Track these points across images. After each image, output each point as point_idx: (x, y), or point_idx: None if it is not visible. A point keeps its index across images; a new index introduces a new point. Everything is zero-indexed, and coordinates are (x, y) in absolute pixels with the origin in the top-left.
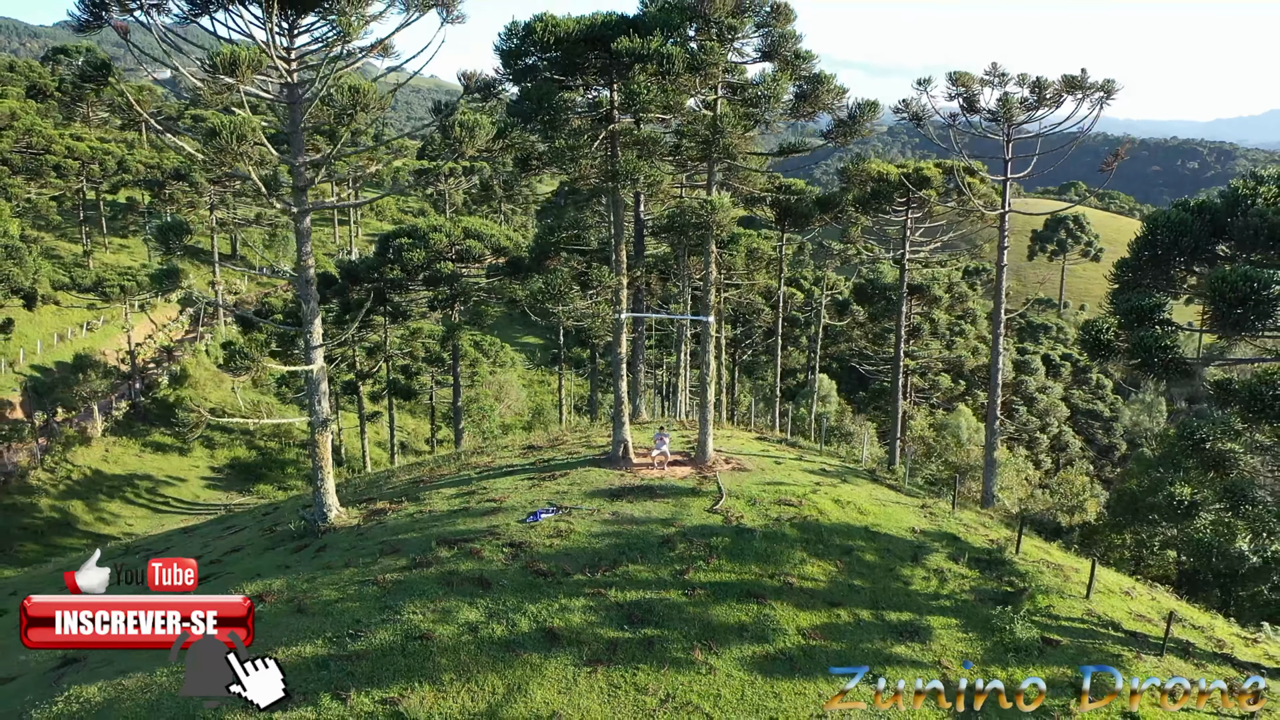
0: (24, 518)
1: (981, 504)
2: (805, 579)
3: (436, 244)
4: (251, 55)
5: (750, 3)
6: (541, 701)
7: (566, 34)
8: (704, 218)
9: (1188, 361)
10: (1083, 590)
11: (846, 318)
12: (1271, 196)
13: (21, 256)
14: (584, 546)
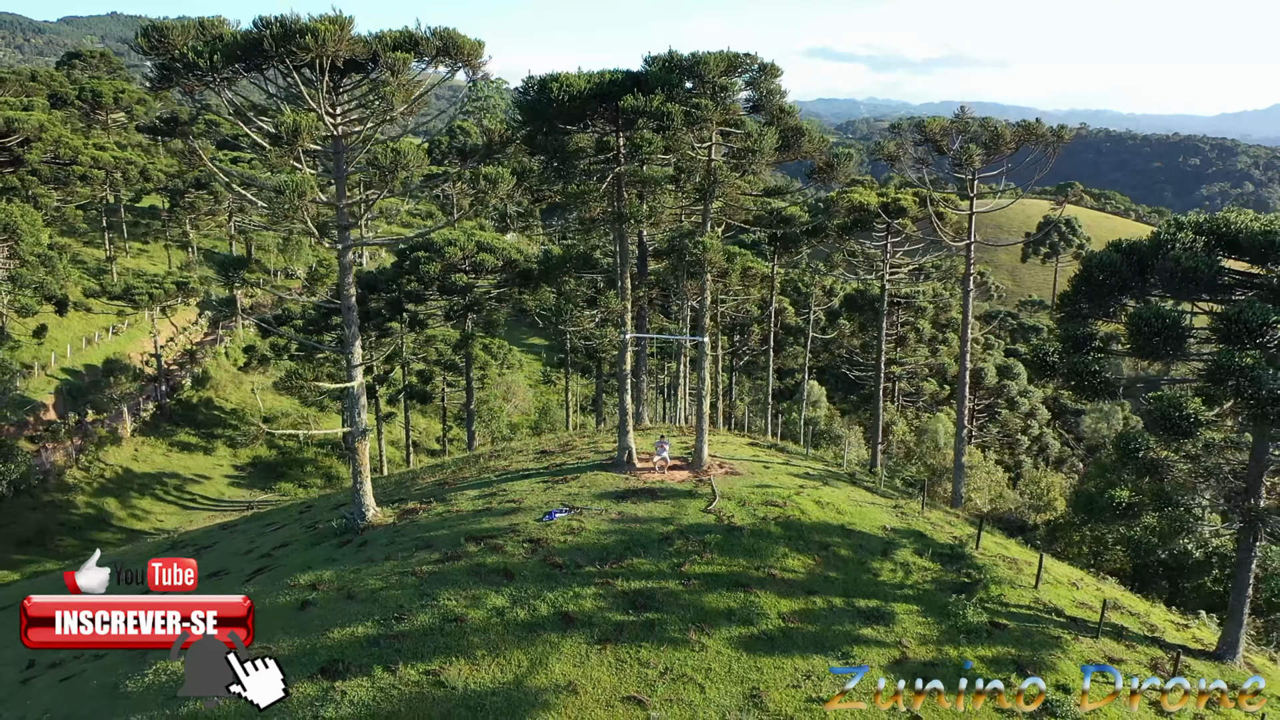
0: (62, 514)
1: (951, 504)
2: (787, 571)
3: (451, 257)
4: (310, 122)
5: (740, 62)
6: (560, 673)
7: (579, 92)
8: (698, 256)
9: (1113, 383)
10: (1032, 581)
11: (834, 330)
12: (1188, 242)
13: (54, 264)
14: (594, 543)
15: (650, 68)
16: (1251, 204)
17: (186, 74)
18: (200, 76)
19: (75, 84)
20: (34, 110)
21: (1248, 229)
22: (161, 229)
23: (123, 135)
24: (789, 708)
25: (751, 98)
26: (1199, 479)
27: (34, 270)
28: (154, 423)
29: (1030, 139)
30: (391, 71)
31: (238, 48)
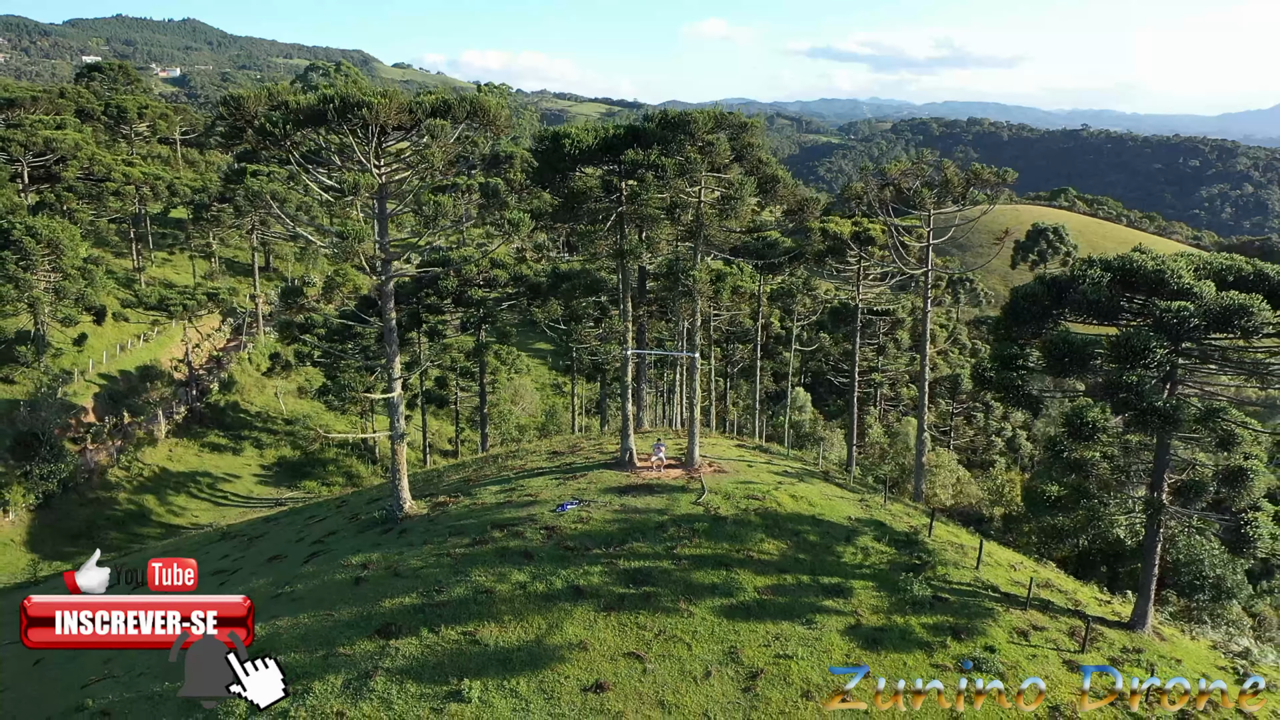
0: (107, 510)
1: (914, 498)
2: (763, 553)
3: (468, 273)
4: (368, 180)
5: (724, 121)
6: (572, 634)
7: (587, 147)
8: (689, 287)
9: (1034, 394)
10: (974, 563)
11: (815, 344)
12: (1096, 278)
13: (93, 276)
14: (600, 530)
15: (649, 124)
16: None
17: (259, 136)
18: (270, 138)
19: (101, 99)
20: (67, 128)
21: (1144, 267)
22: (185, 240)
23: (143, 147)
24: (760, 661)
25: (733, 150)
26: (1116, 476)
27: (75, 282)
28: (186, 425)
29: (976, 182)
30: (431, 135)
31: (303, 115)
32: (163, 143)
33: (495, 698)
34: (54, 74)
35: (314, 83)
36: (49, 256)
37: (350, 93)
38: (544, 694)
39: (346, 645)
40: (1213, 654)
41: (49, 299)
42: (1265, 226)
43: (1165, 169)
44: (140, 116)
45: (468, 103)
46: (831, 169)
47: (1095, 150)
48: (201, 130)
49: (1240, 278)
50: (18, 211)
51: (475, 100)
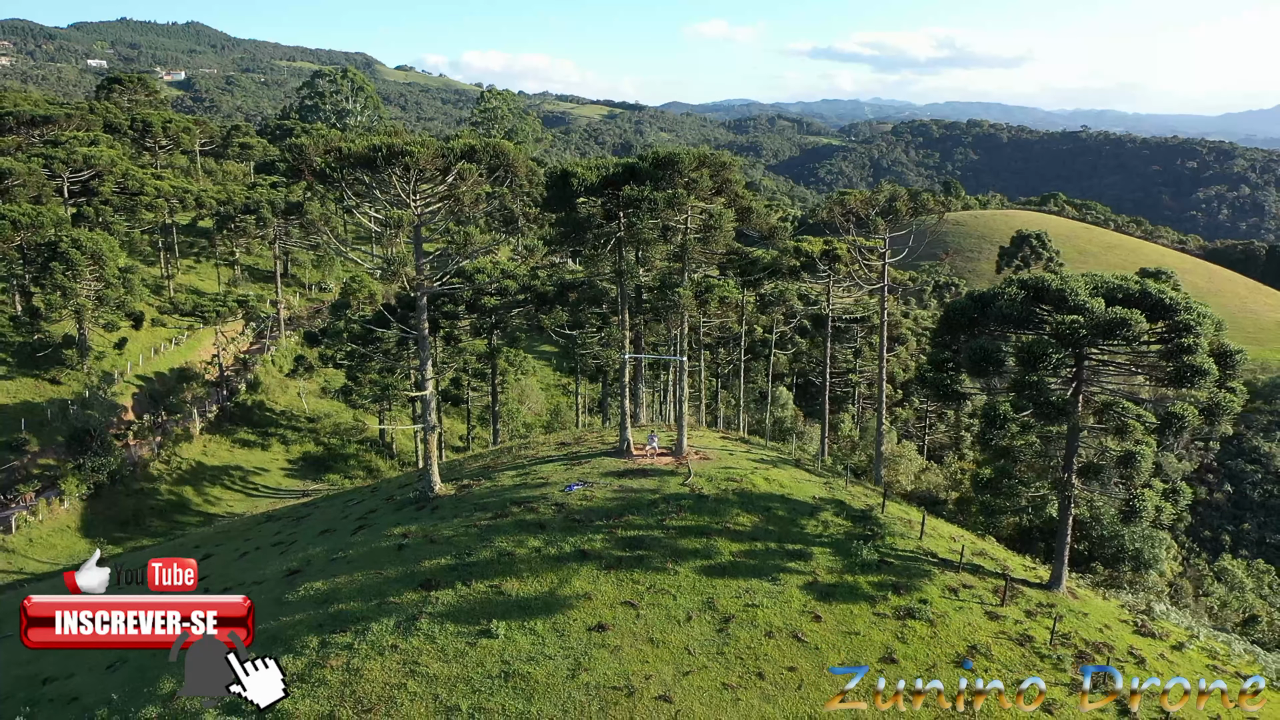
0: (149, 500)
1: (874, 482)
2: (738, 525)
3: (481, 283)
4: (410, 216)
5: (707, 160)
6: (579, 588)
7: (591, 183)
8: (676, 303)
9: (961, 392)
10: (919, 534)
11: (794, 346)
12: (1013, 294)
13: (131, 284)
14: (602, 506)
15: (643, 162)
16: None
17: (316, 176)
18: (327, 179)
19: (127, 114)
20: (100, 144)
21: (1050, 286)
22: (210, 248)
23: (165, 158)
24: (732, 609)
25: (714, 185)
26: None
27: (116, 290)
28: (218, 422)
29: (921, 211)
30: (460, 177)
31: (355, 160)
32: (182, 153)
33: (517, 634)
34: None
35: (320, 89)
36: (92, 267)
37: (394, 142)
38: (556, 632)
39: (395, 595)
40: (1119, 610)
41: (92, 306)
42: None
43: (1163, 170)
44: (165, 131)
45: (490, 149)
46: (832, 170)
47: (1094, 152)
48: (219, 142)
49: (1127, 295)
50: (63, 225)
51: (497, 146)
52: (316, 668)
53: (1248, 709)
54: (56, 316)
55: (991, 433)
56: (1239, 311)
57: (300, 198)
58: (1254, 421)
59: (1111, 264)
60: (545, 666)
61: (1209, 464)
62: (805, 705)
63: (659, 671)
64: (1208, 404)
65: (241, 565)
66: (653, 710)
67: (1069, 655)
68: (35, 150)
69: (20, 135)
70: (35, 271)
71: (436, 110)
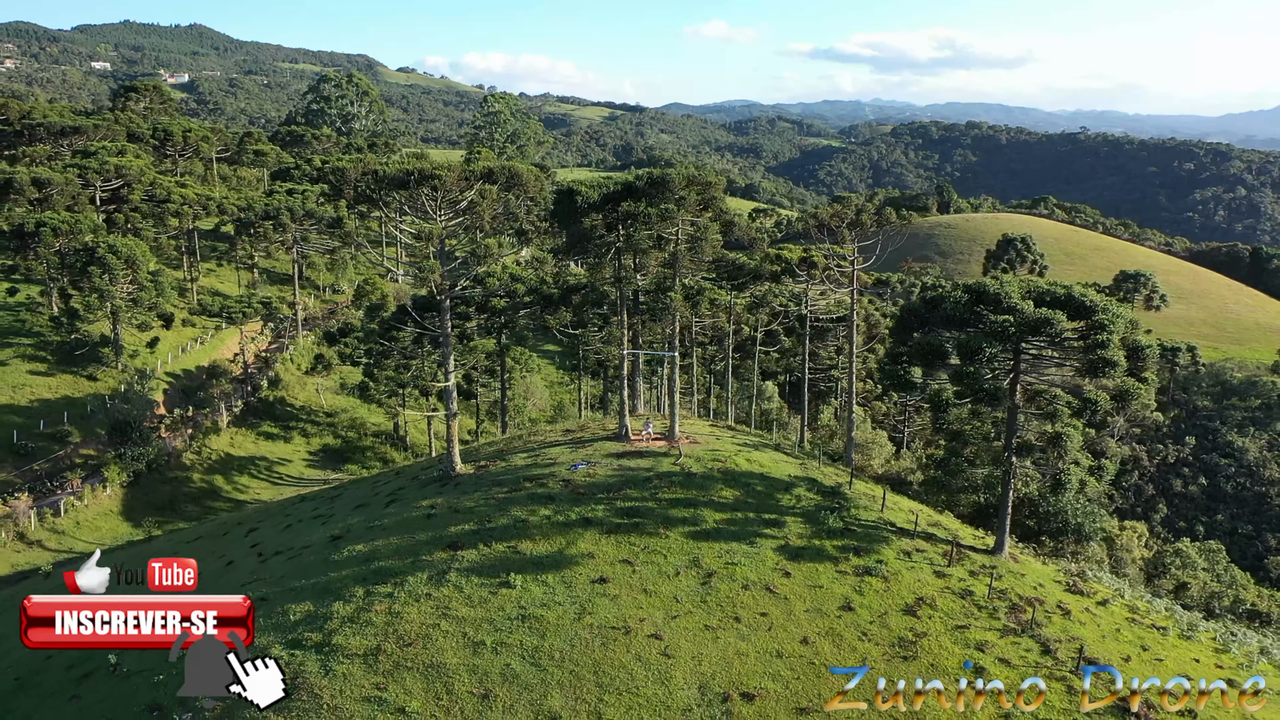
0: (183, 487)
1: (845, 464)
2: (721, 498)
3: (490, 285)
4: (439, 229)
5: (695, 179)
6: (583, 548)
7: (593, 200)
8: (668, 305)
9: (912, 382)
10: (880, 508)
11: (778, 344)
12: (958, 297)
13: (162, 287)
14: (603, 482)
15: (639, 181)
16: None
17: (356, 196)
18: (367, 199)
19: (149, 123)
20: (127, 154)
21: (988, 289)
22: (230, 252)
23: (184, 164)
24: (714, 566)
25: (700, 200)
26: (985, 443)
27: (149, 293)
28: (243, 416)
29: (885, 224)
30: (480, 195)
31: (391, 181)
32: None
33: (532, 585)
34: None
35: (326, 93)
36: (126, 271)
37: (425, 166)
38: (564, 583)
39: (427, 555)
40: (1055, 573)
41: (127, 307)
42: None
43: (1160, 172)
44: (185, 140)
45: (507, 170)
46: (831, 172)
47: (1092, 153)
48: (234, 149)
49: (1054, 298)
50: (99, 232)
51: (512, 169)
52: (363, 612)
53: (1248, 709)
54: (93, 317)
55: (939, 416)
56: (1221, 312)
57: (314, 204)
58: (1229, 418)
59: (1098, 266)
60: (555, 611)
61: (1185, 458)
62: (774, 643)
63: (651, 615)
64: (1118, 390)
65: (288, 535)
66: (646, 645)
67: (1004, 606)
68: (69, 161)
69: (50, 144)
70: (74, 275)
71: (438, 112)
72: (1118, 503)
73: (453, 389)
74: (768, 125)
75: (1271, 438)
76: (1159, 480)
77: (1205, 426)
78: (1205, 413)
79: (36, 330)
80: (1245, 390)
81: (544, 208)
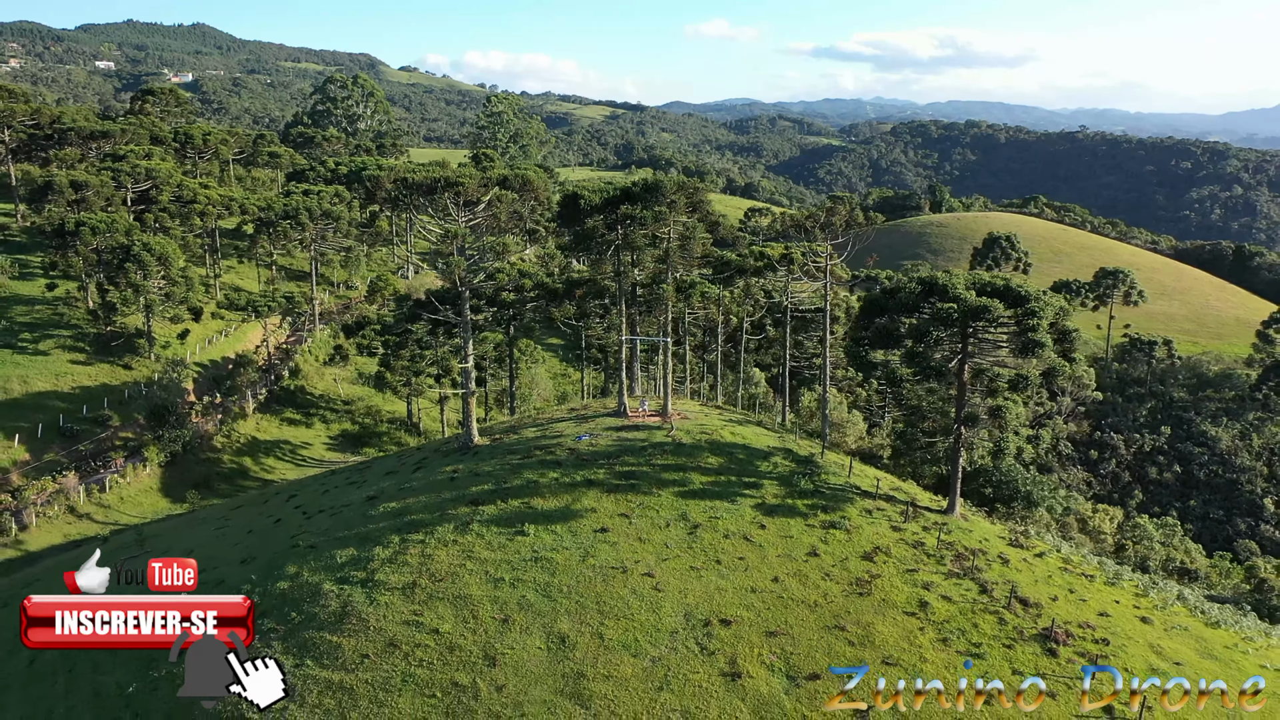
0: (215, 468)
1: (821, 439)
2: (707, 464)
3: (499, 281)
4: (461, 229)
5: (684, 185)
6: (587, 505)
7: (595, 204)
8: (661, 297)
9: (872, 362)
10: (847, 474)
11: (763, 334)
12: (912, 288)
13: (192, 282)
14: (604, 450)
15: (635, 187)
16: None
17: (387, 201)
18: (397, 204)
19: (170, 126)
20: (154, 157)
21: (937, 281)
22: (249, 250)
23: (202, 166)
24: (700, 520)
25: (689, 204)
26: (940, 417)
27: (180, 288)
28: (267, 403)
29: (855, 226)
30: (497, 199)
31: (418, 188)
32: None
33: (543, 534)
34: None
35: (331, 94)
36: (159, 268)
37: (449, 174)
38: (571, 532)
39: (452, 509)
40: (1001, 530)
41: (160, 301)
42: (1253, 227)
43: (1158, 171)
44: (205, 143)
45: (519, 179)
46: (831, 171)
47: (1091, 152)
48: (249, 151)
49: (994, 289)
50: (133, 231)
51: (525, 177)
52: (400, 555)
53: (1248, 709)
54: (128, 311)
55: (894, 391)
56: (1203, 308)
57: (329, 204)
58: (1204, 408)
59: (1083, 264)
60: (563, 554)
61: (1160, 446)
62: (749, 580)
63: (645, 558)
64: (1047, 368)
65: (327, 498)
66: (640, 582)
67: (950, 555)
68: (102, 164)
69: (79, 148)
70: (110, 271)
71: (440, 111)
72: (1095, 489)
73: (471, 369)
74: (768, 124)
75: (1244, 427)
76: (1135, 468)
77: (1180, 417)
78: (1181, 404)
79: (74, 323)
80: (1220, 382)
81: (550, 210)
